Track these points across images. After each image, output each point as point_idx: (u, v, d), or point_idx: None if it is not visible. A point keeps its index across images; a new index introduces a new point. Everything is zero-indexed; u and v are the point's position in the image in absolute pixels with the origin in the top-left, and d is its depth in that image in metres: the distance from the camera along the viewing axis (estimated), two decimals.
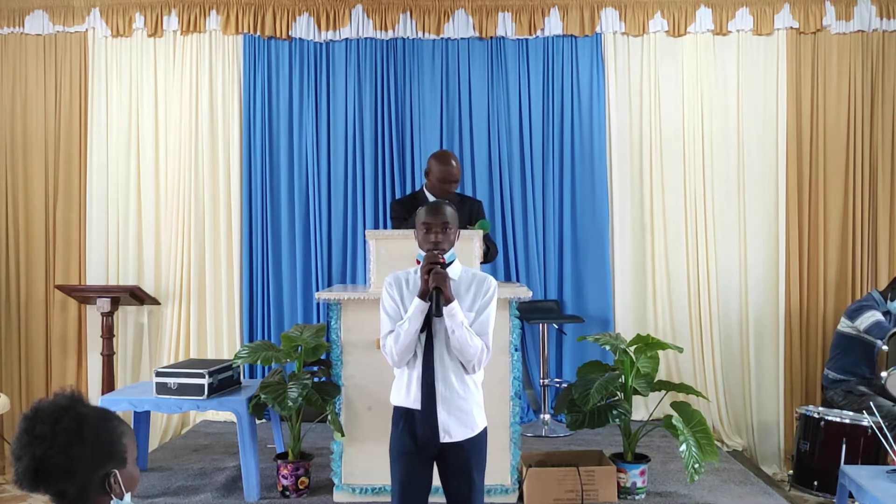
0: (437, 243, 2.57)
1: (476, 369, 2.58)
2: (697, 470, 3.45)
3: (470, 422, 2.58)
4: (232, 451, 4.45)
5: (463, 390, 2.57)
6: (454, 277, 2.60)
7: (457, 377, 2.57)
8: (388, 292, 2.66)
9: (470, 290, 2.61)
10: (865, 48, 5.40)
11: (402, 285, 2.64)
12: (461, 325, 2.50)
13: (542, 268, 5.46)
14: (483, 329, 2.59)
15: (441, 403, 2.54)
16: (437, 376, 2.55)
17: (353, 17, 5.46)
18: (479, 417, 2.63)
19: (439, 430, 2.54)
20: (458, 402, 2.56)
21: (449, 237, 2.61)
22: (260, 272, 5.46)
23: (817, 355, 5.37)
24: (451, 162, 4.13)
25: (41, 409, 1.59)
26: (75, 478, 1.56)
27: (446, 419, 2.54)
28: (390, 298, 2.64)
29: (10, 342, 5.50)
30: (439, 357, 2.56)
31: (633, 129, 5.45)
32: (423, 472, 2.60)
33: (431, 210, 2.62)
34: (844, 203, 5.39)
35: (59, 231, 5.47)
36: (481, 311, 2.59)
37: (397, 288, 2.64)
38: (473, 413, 2.60)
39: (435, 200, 2.69)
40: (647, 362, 3.78)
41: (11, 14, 5.50)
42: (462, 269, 2.67)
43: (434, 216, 2.60)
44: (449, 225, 2.60)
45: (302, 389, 3.55)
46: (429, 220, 2.60)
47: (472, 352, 2.52)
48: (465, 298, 2.59)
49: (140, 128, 5.49)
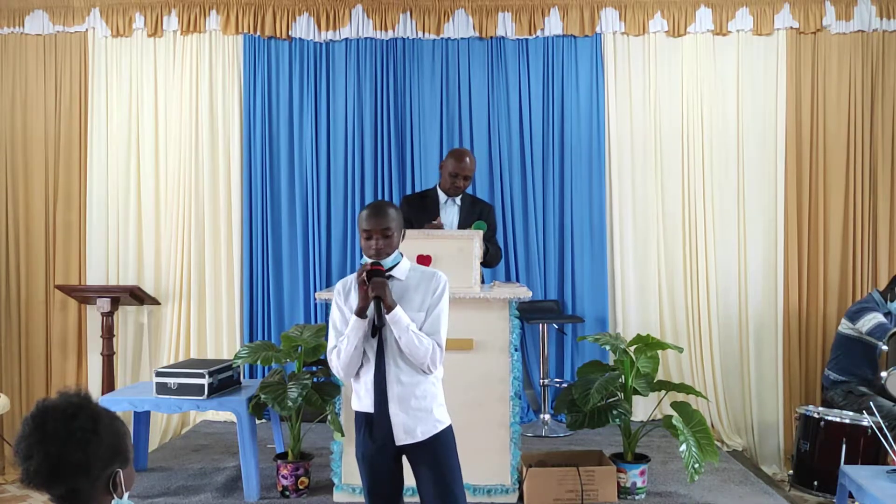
0: (379, 250, 2.49)
1: (431, 370, 2.51)
2: (697, 470, 3.45)
3: (431, 420, 2.53)
4: (232, 451, 4.45)
5: (420, 390, 2.52)
6: (401, 277, 2.54)
7: (412, 377, 2.51)
8: (335, 301, 2.60)
9: (419, 289, 2.54)
10: (865, 48, 5.40)
11: (349, 290, 2.58)
12: (406, 328, 2.45)
13: (542, 268, 5.46)
14: (434, 328, 2.52)
15: (396, 405, 2.50)
16: (391, 378, 2.50)
17: (353, 17, 5.46)
18: (441, 415, 2.58)
19: (396, 432, 2.50)
20: (416, 401, 2.51)
21: (392, 242, 2.52)
22: (260, 272, 5.46)
23: (817, 355, 5.37)
24: (466, 158, 4.15)
25: (51, 407, 1.58)
26: (90, 475, 1.56)
27: (405, 420, 2.50)
28: (337, 308, 2.59)
29: (10, 342, 5.50)
30: (392, 359, 2.51)
31: (632, 129, 5.45)
32: (386, 474, 2.57)
33: (372, 214, 2.51)
34: (844, 203, 5.39)
35: (59, 231, 5.47)
36: (431, 310, 2.53)
37: (345, 295, 2.58)
38: (434, 411, 2.55)
39: (376, 202, 2.58)
40: (647, 362, 3.78)
41: (11, 14, 5.50)
42: (410, 268, 2.59)
43: (374, 221, 2.49)
44: (391, 230, 2.50)
45: (302, 389, 3.56)
46: (369, 226, 2.49)
47: (423, 353, 2.46)
48: (414, 298, 2.53)
49: (140, 128, 5.49)
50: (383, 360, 2.51)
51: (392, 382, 2.50)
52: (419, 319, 2.51)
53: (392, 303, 2.45)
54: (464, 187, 4.22)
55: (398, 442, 2.52)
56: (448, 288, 2.59)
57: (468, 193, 4.39)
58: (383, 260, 2.52)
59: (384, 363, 2.51)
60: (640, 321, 5.36)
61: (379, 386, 2.51)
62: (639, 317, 5.40)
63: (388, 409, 2.50)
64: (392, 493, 2.61)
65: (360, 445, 2.59)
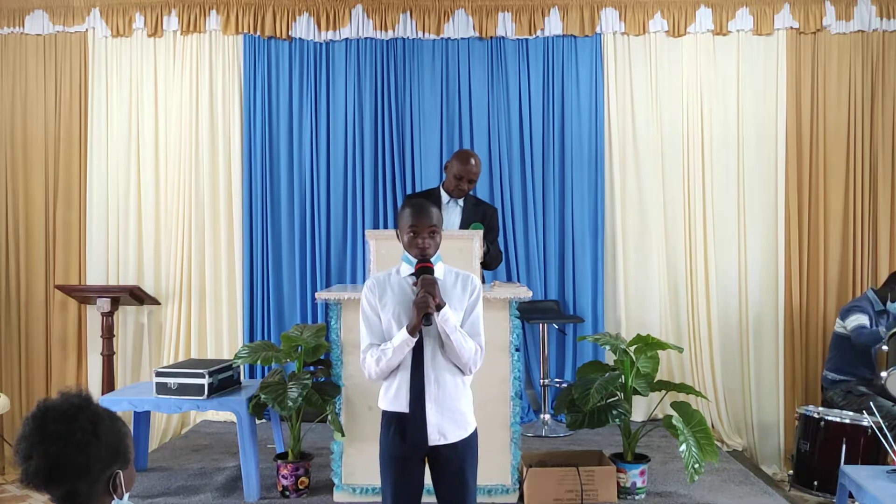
0: (426, 248, 2.50)
1: (472, 370, 2.53)
2: (697, 470, 3.45)
3: (463, 422, 2.54)
4: (232, 451, 4.45)
5: (455, 391, 2.52)
6: (440, 277, 2.54)
7: (450, 377, 2.51)
8: (367, 298, 2.56)
9: (456, 288, 2.55)
10: (865, 48, 5.40)
11: (384, 288, 2.55)
12: (455, 329, 2.45)
13: (542, 268, 5.46)
14: (474, 329, 2.54)
15: (433, 405, 2.48)
16: (429, 378, 2.48)
17: (353, 17, 5.46)
18: (471, 418, 2.59)
19: (430, 432, 2.48)
20: (452, 402, 2.51)
21: (436, 241, 2.53)
22: (260, 272, 5.46)
23: (817, 355, 5.37)
24: (471, 160, 4.14)
25: (52, 407, 1.58)
26: (89, 476, 1.56)
27: (439, 420, 2.48)
28: (369, 306, 2.56)
29: (10, 342, 5.51)
30: (430, 358, 2.49)
31: (633, 129, 5.45)
32: (414, 475, 2.54)
33: (418, 212, 2.51)
34: (844, 203, 5.39)
35: (59, 231, 5.47)
36: (470, 311, 2.55)
37: (379, 292, 2.55)
38: (466, 413, 2.55)
39: (420, 201, 2.57)
40: (647, 362, 3.78)
41: (11, 14, 5.50)
42: (445, 269, 2.59)
43: (422, 219, 2.50)
44: (436, 228, 2.53)
45: (302, 389, 3.55)
46: (416, 222, 2.50)
47: (469, 355, 2.48)
48: (452, 297, 2.52)
49: (140, 128, 5.49)
50: (421, 360, 2.49)
51: (430, 383, 2.49)
52: (458, 319, 2.51)
53: (442, 301, 2.45)
54: (468, 190, 4.21)
55: (431, 443, 2.49)
56: (482, 290, 2.60)
57: (471, 195, 4.39)
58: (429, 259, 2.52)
59: (422, 364, 2.49)
60: (640, 321, 5.36)
61: (415, 386, 2.48)
62: (639, 317, 5.40)
63: (424, 410, 2.47)
64: (416, 495, 2.56)
65: (388, 446, 2.54)
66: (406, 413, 2.49)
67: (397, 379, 2.52)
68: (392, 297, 2.53)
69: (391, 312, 2.52)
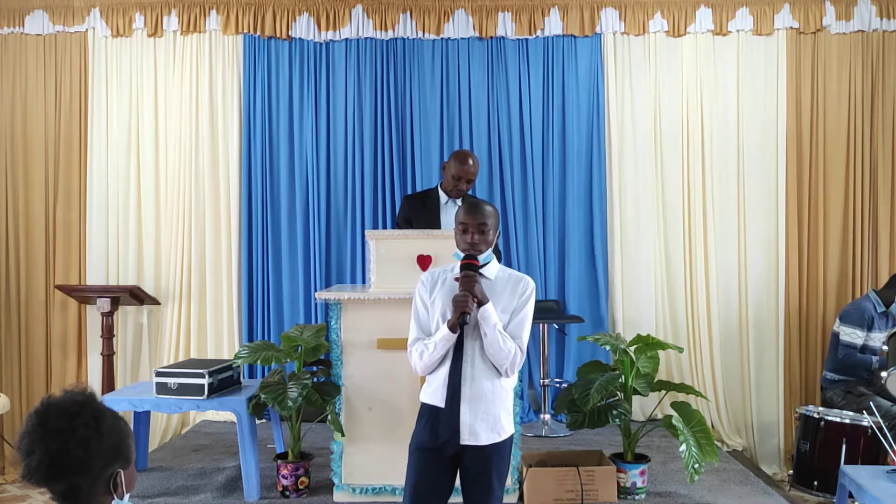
0: (474, 244, 2.54)
1: (510, 373, 2.52)
2: (697, 470, 3.45)
3: (497, 426, 2.52)
4: (232, 451, 4.45)
5: (492, 393, 2.51)
6: (490, 277, 2.56)
7: (487, 379, 2.51)
8: (419, 293, 2.62)
9: (505, 291, 2.55)
10: (865, 48, 5.40)
11: (436, 283, 2.60)
12: (494, 327, 2.45)
13: (542, 268, 5.46)
14: (517, 331, 2.52)
15: (466, 404, 2.48)
16: (465, 376, 2.49)
17: (353, 17, 5.46)
18: (507, 423, 2.56)
19: (462, 430, 2.47)
20: (486, 404, 2.49)
21: (487, 238, 2.56)
22: (260, 272, 5.46)
23: (817, 355, 5.37)
24: (469, 160, 4.14)
25: (55, 403, 1.58)
26: (90, 473, 1.57)
27: (472, 420, 2.48)
28: (420, 300, 2.60)
29: (10, 342, 5.50)
30: (470, 357, 2.50)
31: (633, 128, 5.45)
32: (438, 471, 2.52)
33: (470, 210, 2.58)
34: (844, 203, 5.39)
35: (59, 231, 5.47)
36: (517, 313, 2.54)
37: (430, 286, 2.60)
38: (501, 418, 2.53)
39: (475, 199, 2.63)
40: (646, 362, 3.78)
41: (11, 14, 5.50)
42: (499, 269, 2.62)
43: (472, 216, 2.56)
44: (487, 226, 2.56)
45: (302, 389, 3.55)
46: (466, 219, 2.56)
47: (505, 355, 2.47)
48: (500, 299, 2.53)
49: (140, 128, 5.49)
50: (460, 358, 2.50)
51: (466, 381, 2.49)
52: (503, 321, 2.52)
53: (484, 297, 2.46)
54: (466, 190, 4.21)
55: (462, 441, 2.48)
56: (535, 295, 2.60)
57: (470, 195, 4.38)
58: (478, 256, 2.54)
59: (461, 361, 2.50)
60: (640, 321, 5.36)
61: (453, 383, 2.49)
62: (639, 317, 5.40)
63: (458, 407, 2.48)
64: (438, 491, 2.52)
65: (417, 437, 2.55)
66: (441, 408, 2.50)
67: (439, 374, 2.53)
68: (441, 293, 2.56)
69: (439, 308, 2.54)
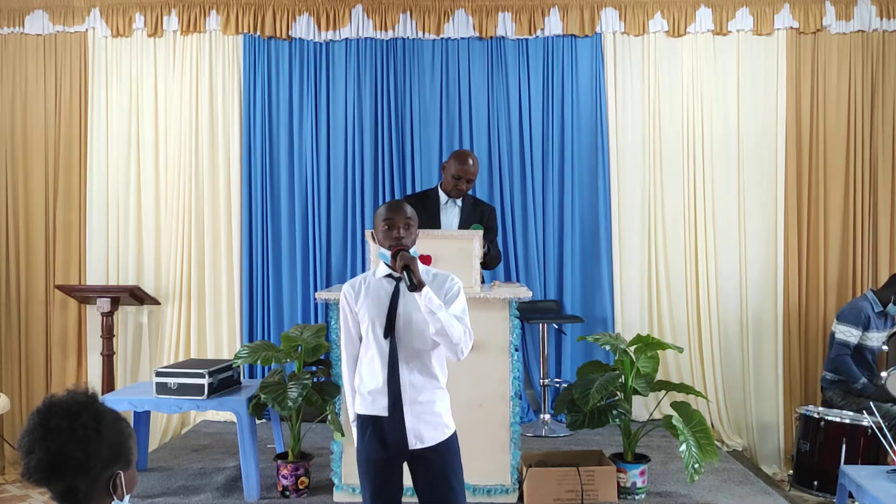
0: (400, 238, 2.49)
1: (463, 353, 2.47)
2: (697, 470, 3.45)
3: (441, 425, 2.51)
4: (232, 451, 4.45)
5: (432, 394, 2.50)
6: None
7: (424, 381, 2.49)
8: (344, 306, 2.58)
9: (432, 286, 2.50)
10: (865, 48, 5.40)
11: (359, 292, 2.55)
12: (440, 307, 2.40)
13: (542, 268, 5.46)
14: (459, 315, 2.48)
15: (409, 409, 2.46)
16: (404, 382, 2.47)
17: (353, 17, 5.46)
18: (449, 420, 2.55)
19: (408, 436, 2.45)
20: (427, 406, 2.48)
21: (411, 234, 2.54)
22: (260, 272, 5.46)
23: (817, 355, 5.37)
24: (469, 160, 4.14)
25: (56, 403, 1.58)
26: (89, 474, 1.56)
27: (416, 425, 2.46)
28: (350, 312, 2.58)
29: (10, 342, 5.50)
30: (405, 362, 2.47)
31: (633, 128, 5.44)
32: (393, 479, 2.52)
33: (392, 207, 2.56)
34: (844, 203, 5.39)
35: (59, 231, 5.47)
36: (452, 301, 2.49)
37: (354, 296, 2.55)
38: (443, 416, 2.52)
39: (394, 200, 2.59)
40: (646, 362, 3.78)
41: (11, 14, 5.50)
42: (424, 269, 2.55)
43: (396, 212, 2.53)
44: (411, 222, 2.54)
45: (302, 389, 3.56)
46: (390, 215, 2.52)
47: (458, 333, 2.42)
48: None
49: (140, 128, 5.49)
50: (396, 363, 2.47)
51: (405, 386, 2.47)
52: None
53: (422, 280, 2.40)
54: (466, 190, 4.21)
55: (411, 447, 2.46)
56: (463, 290, 2.57)
57: (469, 195, 4.39)
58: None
59: (397, 366, 2.47)
60: (640, 321, 5.37)
61: (392, 390, 2.46)
62: (639, 317, 5.40)
63: (402, 414, 2.46)
64: (395, 497, 2.55)
65: (365, 450, 2.53)
66: (384, 417, 2.47)
67: (376, 384, 2.49)
68: (367, 300, 2.52)
69: (367, 316, 2.51)
